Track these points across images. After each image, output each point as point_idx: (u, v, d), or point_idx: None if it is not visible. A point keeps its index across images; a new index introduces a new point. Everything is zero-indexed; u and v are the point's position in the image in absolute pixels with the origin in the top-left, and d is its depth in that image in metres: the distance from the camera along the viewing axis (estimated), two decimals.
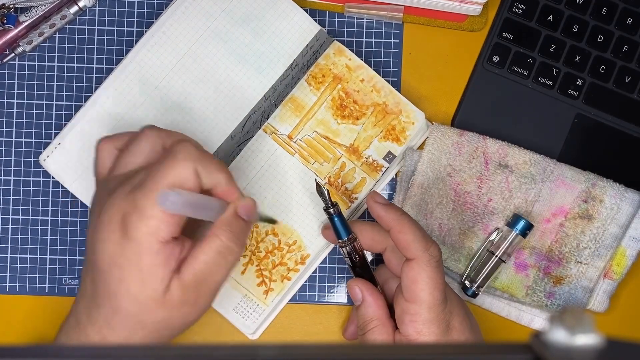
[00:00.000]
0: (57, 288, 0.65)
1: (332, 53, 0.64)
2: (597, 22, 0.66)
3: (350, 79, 0.64)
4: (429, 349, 0.34)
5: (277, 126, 0.64)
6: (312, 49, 0.64)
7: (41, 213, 0.65)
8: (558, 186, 0.63)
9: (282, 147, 0.64)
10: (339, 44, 0.64)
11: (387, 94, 0.64)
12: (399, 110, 0.64)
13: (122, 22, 0.66)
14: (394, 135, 0.64)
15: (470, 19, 0.67)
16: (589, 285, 0.64)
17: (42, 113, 0.65)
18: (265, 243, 0.63)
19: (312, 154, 0.64)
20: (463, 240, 0.63)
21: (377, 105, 0.64)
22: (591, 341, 0.30)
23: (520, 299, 0.64)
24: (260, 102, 0.64)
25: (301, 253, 0.63)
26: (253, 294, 0.63)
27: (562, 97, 0.66)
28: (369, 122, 0.64)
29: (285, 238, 0.63)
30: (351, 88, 0.64)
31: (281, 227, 0.63)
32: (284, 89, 0.64)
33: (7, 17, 0.62)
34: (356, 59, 0.64)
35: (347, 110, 0.64)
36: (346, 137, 0.64)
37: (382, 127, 0.64)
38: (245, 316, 0.63)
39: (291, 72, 0.64)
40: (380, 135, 0.64)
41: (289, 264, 0.63)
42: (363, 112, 0.64)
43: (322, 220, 0.63)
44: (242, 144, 0.63)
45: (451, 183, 0.64)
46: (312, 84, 0.64)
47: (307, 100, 0.64)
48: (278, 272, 0.63)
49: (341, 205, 0.60)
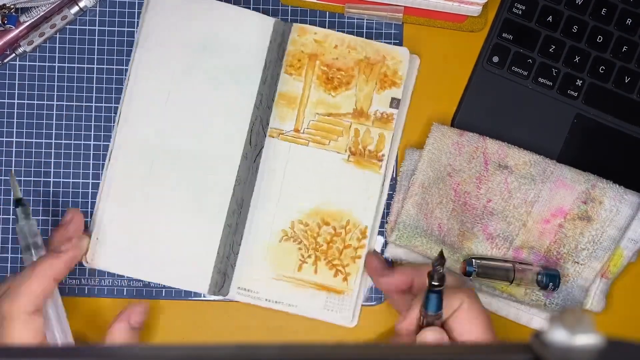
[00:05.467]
0: (57, 288, 0.65)
1: (297, 36, 0.64)
2: (597, 23, 0.66)
3: (325, 50, 0.64)
4: (430, 349, 0.34)
5: (279, 126, 0.64)
6: (277, 41, 0.64)
7: (41, 213, 0.65)
8: (558, 187, 0.63)
9: (294, 142, 0.64)
10: (299, 24, 0.64)
11: (364, 47, 0.64)
12: (381, 56, 0.64)
13: (122, 23, 0.66)
14: (389, 81, 0.64)
15: (470, 19, 0.67)
16: (585, 285, 0.64)
17: (42, 113, 0.66)
18: (322, 236, 0.64)
19: (324, 136, 0.64)
20: (462, 240, 0.64)
21: (360, 62, 0.64)
22: (591, 341, 0.30)
23: (519, 298, 0.64)
24: (255, 113, 0.64)
25: (359, 228, 0.64)
26: (334, 287, 0.63)
27: (561, 98, 0.66)
28: (361, 81, 0.64)
29: (337, 222, 0.64)
30: (329, 58, 0.64)
31: (329, 214, 0.64)
32: (269, 90, 0.64)
33: (8, 18, 0.62)
34: (321, 30, 0.64)
35: (335, 80, 0.64)
36: (347, 104, 0.64)
37: (375, 79, 0.64)
38: (338, 310, 0.64)
39: (268, 71, 0.64)
40: (376, 88, 0.64)
41: (353, 244, 0.64)
42: (350, 74, 0.64)
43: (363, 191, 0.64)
44: (257, 158, 0.64)
45: (451, 183, 0.64)
46: (293, 73, 0.64)
47: (295, 90, 0.64)
48: (347, 256, 0.64)
49: (373, 169, 0.63)
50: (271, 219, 0.64)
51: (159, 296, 0.65)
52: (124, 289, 0.65)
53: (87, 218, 0.65)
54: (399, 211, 0.64)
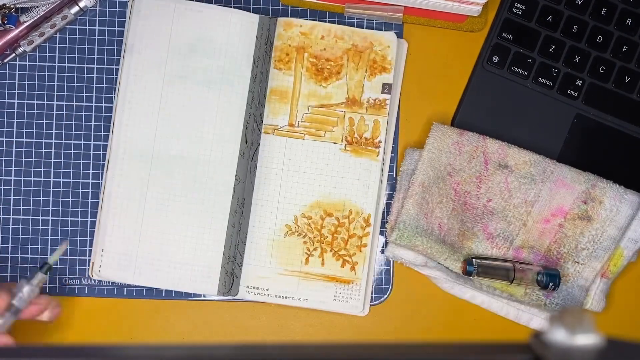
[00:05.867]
0: (58, 288, 0.65)
1: (283, 30, 0.64)
2: (597, 23, 0.66)
3: (312, 42, 0.64)
4: (429, 348, 0.34)
5: (274, 122, 0.64)
6: (263, 37, 0.64)
7: (42, 213, 0.65)
8: (558, 187, 0.63)
9: (289, 137, 0.64)
10: (284, 18, 0.65)
11: (351, 36, 0.64)
12: (369, 43, 0.64)
13: (122, 23, 0.66)
14: (379, 67, 0.64)
15: (470, 19, 0.67)
16: (585, 285, 0.64)
17: (42, 113, 0.66)
18: (326, 227, 0.64)
19: (319, 128, 0.64)
20: (462, 240, 0.63)
21: (348, 51, 0.64)
22: (591, 341, 0.30)
23: (519, 298, 0.64)
24: (248, 111, 0.64)
25: (362, 217, 0.64)
26: (343, 277, 0.64)
27: (561, 98, 0.66)
28: (351, 70, 0.64)
29: (340, 213, 0.64)
30: (317, 50, 0.64)
31: (331, 205, 0.64)
32: (260, 87, 0.64)
33: (8, 17, 0.62)
34: (306, 22, 0.65)
35: (325, 71, 0.64)
36: (338, 95, 0.64)
37: (364, 66, 0.64)
38: (348, 299, 0.64)
39: (257, 68, 0.64)
40: (367, 75, 0.64)
41: (358, 233, 0.64)
42: (340, 64, 0.64)
43: (362, 179, 0.64)
44: (254, 156, 0.64)
45: (451, 182, 0.64)
46: (282, 67, 0.64)
47: (286, 85, 0.64)
48: (353, 245, 0.64)
49: (371, 156, 0.63)
50: (274, 215, 0.64)
51: (159, 296, 0.65)
52: (124, 289, 0.65)
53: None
54: (399, 211, 0.64)
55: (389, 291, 0.66)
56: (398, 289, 0.66)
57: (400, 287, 0.66)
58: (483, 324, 0.66)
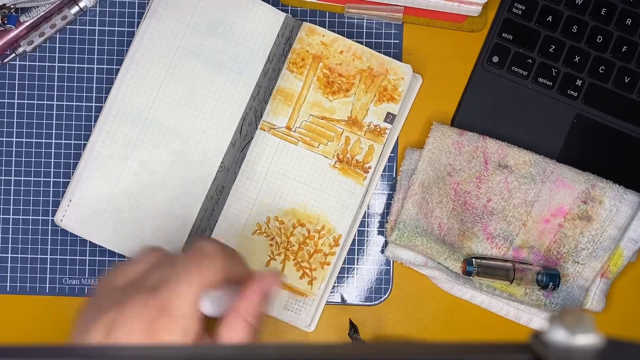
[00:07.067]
0: (58, 288, 0.65)
1: (305, 35, 0.64)
2: (597, 23, 0.66)
3: (330, 54, 0.64)
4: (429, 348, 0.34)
5: (272, 121, 0.64)
6: (284, 36, 0.64)
7: (41, 213, 0.65)
8: (558, 187, 0.64)
9: (283, 139, 0.64)
10: (308, 24, 0.64)
11: (369, 58, 0.64)
12: (385, 70, 0.64)
13: (122, 23, 0.66)
14: (388, 96, 0.64)
15: (470, 19, 0.67)
16: (585, 285, 0.64)
17: (42, 113, 0.66)
18: (295, 236, 0.63)
19: (314, 138, 0.64)
20: (462, 240, 0.64)
21: (362, 72, 0.64)
22: (591, 341, 0.30)
23: (519, 298, 0.64)
24: (250, 103, 0.64)
25: (333, 235, 0.64)
26: (299, 288, 0.63)
27: (561, 98, 0.66)
28: (360, 91, 0.64)
29: (312, 226, 0.64)
30: (333, 63, 0.64)
31: (306, 216, 0.64)
32: (268, 83, 0.64)
33: (8, 18, 0.62)
34: (329, 33, 0.64)
35: (335, 85, 0.64)
36: (342, 111, 0.64)
37: (374, 91, 0.64)
38: (297, 311, 0.63)
39: (270, 65, 0.64)
40: (374, 100, 0.64)
41: (324, 249, 0.64)
42: (351, 82, 0.64)
43: (343, 199, 0.63)
44: (244, 148, 0.64)
45: (451, 182, 0.64)
46: (295, 70, 0.64)
47: (294, 88, 0.64)
48: (316, 260, 0.64)
49: (357, 179, 0.63)
50: (248, 210, 0.64)
51: None
52: None
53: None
54: (399, 210, 0.64)
55: (389, 291, 0.66)
56: (398, 289, 0.66)
57: (400, 287, 0.66)
58: (483, 323, 0.66)
